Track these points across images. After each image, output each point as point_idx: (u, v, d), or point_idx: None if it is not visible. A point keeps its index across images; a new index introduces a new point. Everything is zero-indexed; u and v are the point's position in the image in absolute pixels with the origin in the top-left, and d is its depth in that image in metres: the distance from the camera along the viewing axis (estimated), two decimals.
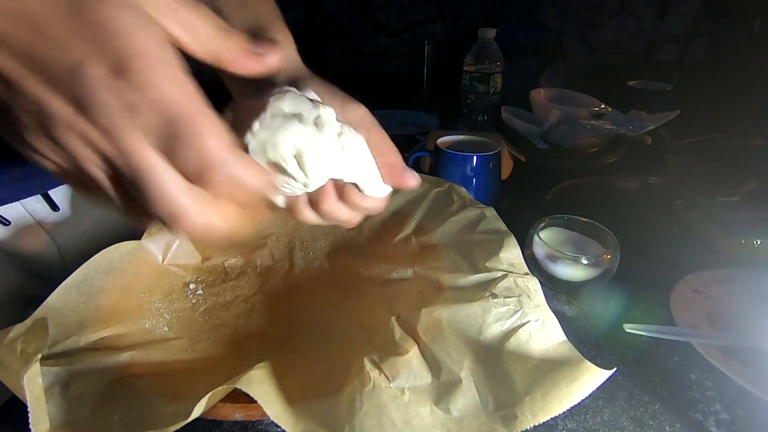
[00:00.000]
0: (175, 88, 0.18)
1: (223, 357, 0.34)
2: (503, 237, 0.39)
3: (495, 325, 0.32)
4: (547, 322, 0.31)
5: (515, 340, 0.30)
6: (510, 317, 0.32)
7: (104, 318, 0.34)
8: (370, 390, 0.28)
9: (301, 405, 0.27)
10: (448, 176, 0.54)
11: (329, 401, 0.28)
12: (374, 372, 0.29)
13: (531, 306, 0.33)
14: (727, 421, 0.32)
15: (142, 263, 0.40)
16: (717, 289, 0.41)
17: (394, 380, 0.29)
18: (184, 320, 0.37)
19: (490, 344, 0.31)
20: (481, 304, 0.33)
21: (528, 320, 0.31)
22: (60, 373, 0.29)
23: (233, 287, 0.42)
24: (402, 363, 0.30)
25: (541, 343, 0.30)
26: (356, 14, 1.23)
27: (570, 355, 0.29)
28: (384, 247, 0.45)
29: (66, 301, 0.34)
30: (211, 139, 0.18)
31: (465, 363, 0.30)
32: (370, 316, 0.37)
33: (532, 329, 0.31)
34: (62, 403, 0.27)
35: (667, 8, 1.08)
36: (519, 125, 0.78)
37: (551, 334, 0.31)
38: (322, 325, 0.37)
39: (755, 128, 0.77)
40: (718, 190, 0.60)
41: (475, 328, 0.32)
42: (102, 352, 0.31)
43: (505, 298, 0.33)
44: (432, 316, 0.33)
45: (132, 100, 0.17)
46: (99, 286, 0.36)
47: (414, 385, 0.29)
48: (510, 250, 0.38)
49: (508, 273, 0.36)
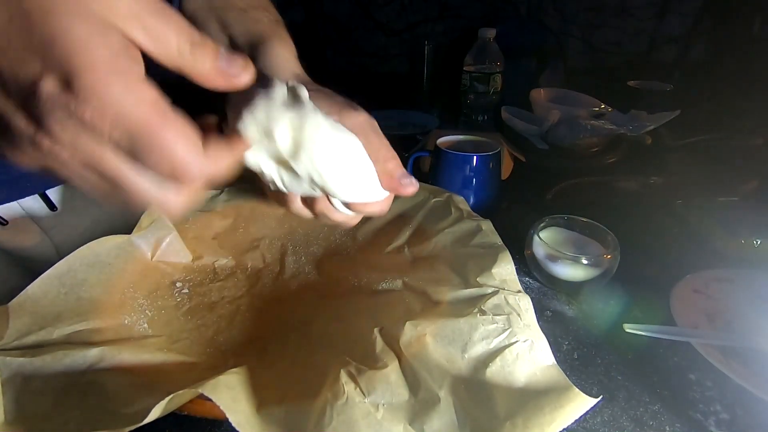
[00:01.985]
0: (131, 99, 0.17)
1: (199, 358, 0.33)
2: (497, 252, 0.39)
3: (481, 343, 0.30)
4: (536, 344, 0.30)
5: (501, 360, 0.29)
6: (497, 336, 0.31)
7: (83, 311, 0.33)
8: (342, 404, 0.27)
9: (270, 414, 0.26)
10: (448, 176, 0.54)
11: (299, 412, 0.27)
12: (349, 385, 0.28)
13: (521, 325, 0.31)
14: (727, 421, 0.32)
15: (130, 258, 0.39)
16: (717, 289, 0.41)
17: (369, 395, 0.27)
18: (165, 318, 0.37)
19: (474, 364, 0.30)
20: (469, 321, 0.32)
21: (516, 340, 0.30)
22: (23, 365, 0.28)
23: (220, 288, 0.41)
24: (379, 377, 0.29)
25: (528, 366, 0.29)
26: (356, 14, 1.23)
27: (558, 379, 0.28)
28: (376, 255, 0.44)
29: (46, 291, 0.33)
30: (177, 145, 0.19)
31: (445, 382, 0.28)
32: (354, 326, 0.36)
33: (520, 350, 0.30)
34: (21, 396, 0.26)
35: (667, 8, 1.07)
36: (519, 125, 0.78)
37: (539, 357, 0.29)
38: (304, 332, 0.36)
39: (755, 128, 0.77)
40: (718, 190, 0.60)
41: (459, 346, 0.30)
42: (73, 345, 0.31)
43: (494, 316, 0.32)
44: (416, 330, 0.32)
45: (87, 116, 0.17)
46: (82, 278, 0.35)
47: (390, 401, 0.27)
48: (503, 266, 0.37)
49: (500, 290, 0.35)
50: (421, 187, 0.49)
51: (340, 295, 0.41)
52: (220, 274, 0.43)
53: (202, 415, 0.29)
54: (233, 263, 0.44)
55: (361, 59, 1.29)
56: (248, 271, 0.44)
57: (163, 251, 0.41)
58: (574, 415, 0.26)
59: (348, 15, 1.24)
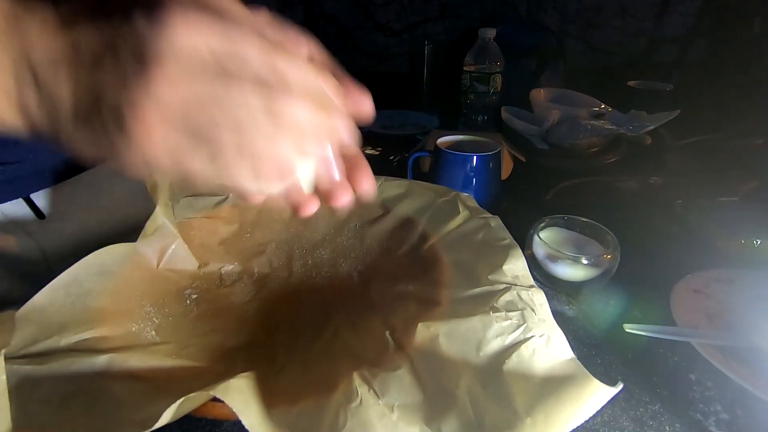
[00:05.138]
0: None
1: (208, 364, 0.33)
2: (508, 248, 0.38)
3: (496, 340, 0.30)
4: (553, 338, 0.29)
5: (517, 356, 0.29)
6: (512, 332, 0.30)
7: (90, 319, 0.33)
8: (356, 406, 0.26)
9: (283, 417, 0.26)
10: (448, 176, 0.54)
11: (312, 415, 0.27)
12: (363, 387, 0.27)
13: (535, 320, 0.31)
14: (727, 421, 0.32)
15: (136, 267, 0.39)
16: (717, 289, 0.41)
17: (383, 397, 0.27)
18: (173, 325, 0.36)
19: (489, 361, 0.29)
20: (482, 319, 0.31)
21: (532, 335, 0.30)
22: (30, 373, 0.28)
23: (227, 294, 0.41)
24: (393, 379, 0.28)
25: (546, 360, 0.28)
26: (356, 14, 1.23)
27: (577, 372, 0.27)
28: (384, 257, 0.44)
29: (52, 300, 0.33)
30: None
31: (461, 381, 0.28)
32: (364, 328, 0.36)
33: (536, 345, 0.29)
34: (29, 403, 0.26)
35: (667, 8, 1.07)
36: (519, 125, 0.78)
37: (557, 351, 0.29)
38: (314, 336, 0.36)
39: (755, 128, 0.77)
40: (718, 190, 0.60)
41: (474, 344, 0.30)
42: (80, 353, 0.30)
43: (508, 312, 0.31)
44: (429, 331, 0.31)
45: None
46: (88, 287, 0.35)
47: (404, 402, 0.27)
48: (515, 262, 0.37)
49: (512, 286, 0.34)
50: (426, 187, 0.50)
51: (349, 298, 0.40)
52: (226, 280, 0.42)
53: (202, 415, 0.29)
54: (240, 269, 0.44)
55: (361, 59, 1.29)
56: (255, 276, 0.43)
57: (169, 258, 0.41)
58: (596, 406, 0.25)
59: (348, 15, 1.24)
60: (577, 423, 0.25)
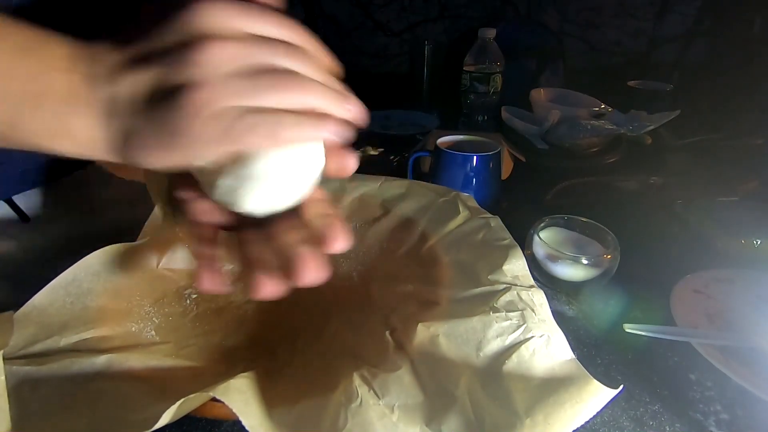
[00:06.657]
0: None
1: (208, 364, 0.33)
2: (508, 248, 0.38)
3: (495, 340, 0.30)
4: (553, 338, 0.30)
5: (517, 357, 0.29)
6: (512, 332, 0.30)
7: (90, 319, 0.33)
8: (356, 406, 0.26)
9: (283, 417, 0.26)
10: (448, 176, 0.54)
11: (312, 415, 0.27)
12: (363, 388, 0.27)
13: (535, 321, 0.31)
14: (727, 421, 0.32)
15: (135, 266, 0.39)
16: (717, 289, 0.41)
17: (383, 397, 0.27)
18: (172, 325, 0.36)
19: (489, 361, 0.29)
20: (482, 319, 0.31)
21: (532, 336, 0.30)
22: (30, 373, 0.28)
23: (227, 294, 0.40)
24: (393, 379, 0.28)
25: (546, 361, 0.28)
26: (356, 14, 1.23)
27: (577, 373, 0.27)
28: (384, 257, 0.44)
29: (52, 300, 0.33)
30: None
31: (461, 381, 0.28)
32: (364, 328, 0.35)
33: (536, 345, 0.29)
34: (28, 404, 0.26)
35: (667, 8, 1.07)
36: (519, 125, 0.78)
37: (557, 351, 0.29)
38: (314, 336, 0.36)
39: (755, 128, 0.77)
40: (718, 190, 0.60)
41: (473, 344, 0.30)
42: (80, 353, 0.30)
43: (508, 312, 0.31)
44: (428, 331, 0.31)
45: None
46: (88, 287, 0.35)
47: (404, 403, 0.27)
48: (515, 262, 0.37)
49: (512, 286, 0.34)
50: (426, 187, 0.50)
51: (349, 299, 0.40)
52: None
53: (202, 415, 0.29)
54: (240, 269, 0.44)
55: (361, 59, 1.29)
56: None
57: (168, 258, 0.41)
58: (596, 407, 0.25)
59: (348, 15, 1.24)
60: (577, 424, 0.25)
